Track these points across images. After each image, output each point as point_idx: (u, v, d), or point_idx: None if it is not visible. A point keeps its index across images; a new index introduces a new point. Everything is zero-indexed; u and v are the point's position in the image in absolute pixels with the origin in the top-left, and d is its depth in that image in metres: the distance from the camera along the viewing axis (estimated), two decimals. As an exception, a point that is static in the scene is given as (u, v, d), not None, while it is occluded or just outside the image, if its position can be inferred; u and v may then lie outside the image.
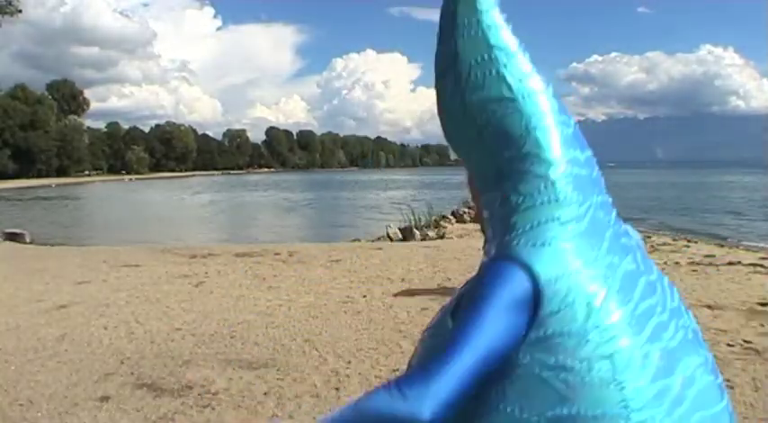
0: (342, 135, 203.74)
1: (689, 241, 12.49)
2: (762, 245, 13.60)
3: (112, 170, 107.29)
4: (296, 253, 10.45)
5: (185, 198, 44.50)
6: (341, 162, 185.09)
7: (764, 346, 4.55)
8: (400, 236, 14.23)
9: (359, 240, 13.92)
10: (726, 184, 53.96)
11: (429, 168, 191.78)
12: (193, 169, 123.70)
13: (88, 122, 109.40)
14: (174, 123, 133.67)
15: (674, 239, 12.88)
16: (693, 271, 8.13)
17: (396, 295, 6.68)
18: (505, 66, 1.06)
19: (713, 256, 9.68)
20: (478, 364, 0.92)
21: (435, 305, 6.25)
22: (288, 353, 4.67)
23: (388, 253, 10.39)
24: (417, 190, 50.78)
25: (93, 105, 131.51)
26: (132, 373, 4.21)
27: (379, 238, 14.78)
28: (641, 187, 50.21)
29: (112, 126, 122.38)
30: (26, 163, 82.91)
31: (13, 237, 15.17)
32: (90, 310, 6.11)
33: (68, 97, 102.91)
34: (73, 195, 48.72)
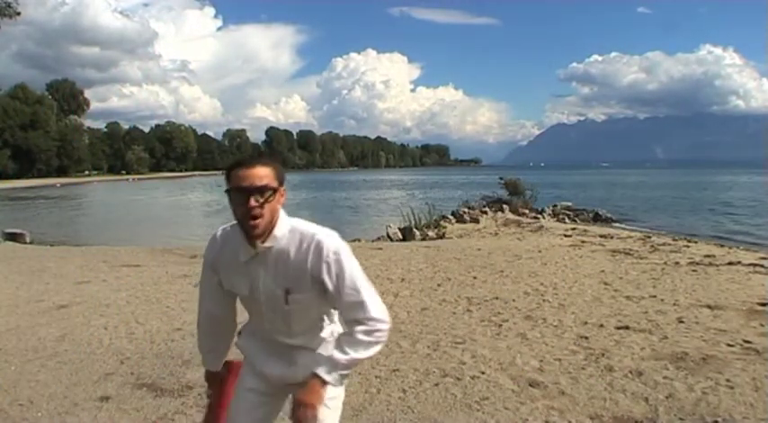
0: (342, 135, 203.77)
1: (689, 241, 12.49)
2: (762, 245, 13.59)
3: (112, 170, 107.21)
4: (296, 253, 10.41)
5: (185, 198, 44.49)
6: (341, 162, 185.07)
7: (764, 346, 4.54)
8: (400, 236, 14.24)
9: (359, 240, 13.89)
10: (725, 184, 53.97)
11: (429, 168, 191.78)
12: (193, 169, 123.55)
13: (88, 122, 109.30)
14: (174, 123, 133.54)
15: (674, 239, 12.88)
16: (693, 271, 8.13)
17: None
18: None
19: (713, 256, 9.67)
20: None
21: (435, 305, 6.25)
22: (288, 353, 4.66)
23: (387, 253, 10.39)
24: (417, 190, 50.79)
25: (94, 105, 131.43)
26: (132, 373, 4.20)
27: (379, 238, 14.78)
28: (641, 187, 50.20)
29: (112, 126, 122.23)
30: (26, 163, 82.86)
31: (14, 237, 15.17)
32: (90, 310, 6.11)
33: (68, 97, 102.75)
34: (76, 195, 48.70)
